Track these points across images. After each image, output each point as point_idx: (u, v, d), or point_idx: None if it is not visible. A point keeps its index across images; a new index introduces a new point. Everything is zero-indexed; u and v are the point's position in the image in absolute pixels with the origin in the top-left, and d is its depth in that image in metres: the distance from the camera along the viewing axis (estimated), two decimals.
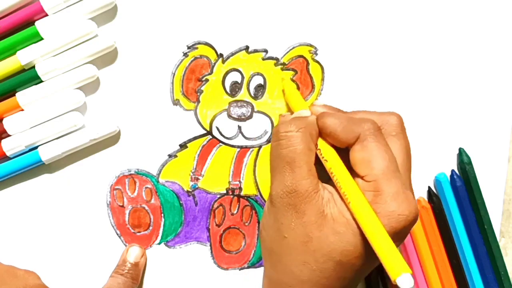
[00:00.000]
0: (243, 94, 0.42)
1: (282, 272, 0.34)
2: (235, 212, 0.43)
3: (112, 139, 0.41)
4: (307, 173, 0.33)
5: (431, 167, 0.44)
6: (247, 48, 0.42)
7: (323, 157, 0.35)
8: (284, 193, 0.33)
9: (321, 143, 0.35)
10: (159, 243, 0.43)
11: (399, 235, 0.32)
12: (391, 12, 0.42)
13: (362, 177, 0.33)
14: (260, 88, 0.42)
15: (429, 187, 0.44)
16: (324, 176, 0.35)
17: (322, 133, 0.35)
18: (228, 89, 0.42)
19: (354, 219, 0.32)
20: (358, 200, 0.32)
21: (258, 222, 0.42)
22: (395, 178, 0.32)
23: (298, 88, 0.42)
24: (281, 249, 0.34)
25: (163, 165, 0.42)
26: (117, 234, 0.42)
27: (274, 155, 0.35)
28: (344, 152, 0.35)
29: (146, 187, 0.42)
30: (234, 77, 0.42)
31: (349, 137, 0.34)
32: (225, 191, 0.43)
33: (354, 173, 0.34)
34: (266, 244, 0.35)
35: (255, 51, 0.42)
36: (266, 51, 0.42)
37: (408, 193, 0.32)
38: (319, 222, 0.32)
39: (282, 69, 0.42)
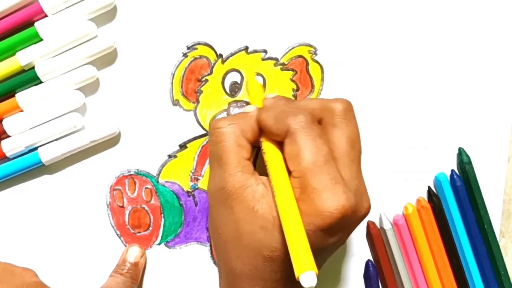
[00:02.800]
0: (242, 95, 0.42)
1: (223, 265, 0.35)
2: None
3: (112, 140, 0.41)
4: (234, 170, 0.33)
5: (431, 167, 0.44)
6: (246, 48, 0.42)
7: (263, 152, 0.34)
8: (214, 190, 0.33)
9: (263, 138, 0.35)
10: (159, 244, 0.43)
11: (331, 231, 0.31)
12: (391, 12, 0.42)
13: (290, 173, 0.32)
14: None
15: (429, 187, 0.44)
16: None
17: (261, 128, 0.34)
18: (227, 90, 0.42)
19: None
20: (282, 196, 0.31)
21: None
22: (322, 172, 0.31)
23: (298, 88, 0.42)
24: (218, 244, 0.34)
25: (163, 166, 0.42)
26: (117, 234, 0.42)
27: (209, 150, 0.35)
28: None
29: (146, 188, 0.42)
30: (234, 77, 0.42)
31: (280, 131, 0.33)
32: None
33: (289, 170, 0.33)
34: (211, 239, 0.36)
35: (255, 51, 0.42)
36: (265, 51, 0.42)
37: (338, 187, 0.31)
38: (248, 218, 0.32)
39: (281, 69, 0.42)
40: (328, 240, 0.32)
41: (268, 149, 0.34)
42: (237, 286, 0.34)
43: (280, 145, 0.34)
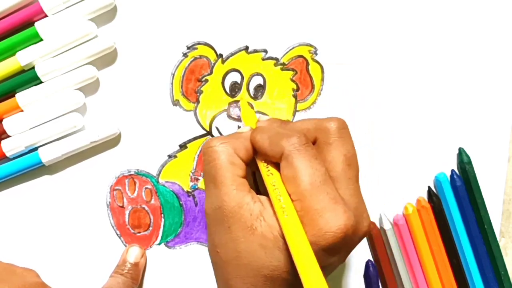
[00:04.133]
0: (242, 95, 0.42)
1: (222, 284, 0.34)
2: None
3: (112, 140, 0.41)
4: (229, 188, 0.32)
5: (431, 167, 0.44)
6: (246, 48, 0.42)
7: (265, 170, 0.33)
8: (210, 210, 0.33)
9: (258, 158, 0.34)
10: (159, 244, 0.43)
11: (333, 251, 0.31)
12: (391, 12, 0.42)
13: (290, 195, 0.32)
14: (260, 89, 0.42)
15: (429, 187, 0.44)
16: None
17: (256, 150, 0.34)
18: (227, 90, 0.42)
19: (282, 235, 0.31)
20: (286, 217, 0.31)
21: None
22: (321, 193, 0.31)
23: (298, 88, 0.42)
24: (217, 263, 0.33)
25: (163, 166, 0.42)
26: (117, 234, 0.42)
27: (203, 171, 0.34)
28: None
29: (146, 188, 0.42)
30: (234, 77, 0.42)
31: (274, 153, 0.32)
32: None
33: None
34: (210, 257, 0.35)
35: (255, 51, 0.42)
36: (265, 51, 0.42)
37: (338, 207, 0.30)
38: (246, 237, 0.32)
39: (281, 69, 0.42)
40: (330, 260, 0.31)
41: (265, 169, 0.33)
42: None
43: (276, 165, 0.33)
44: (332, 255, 0.31)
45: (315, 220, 0.30)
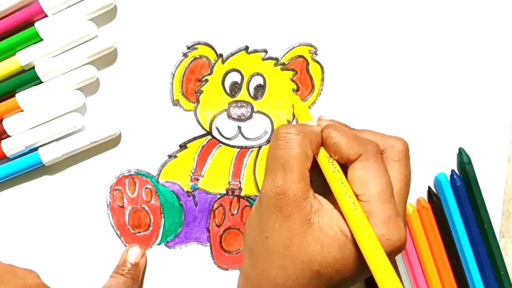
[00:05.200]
0: (242, 94, 0.42)
1: (259, 274, 0.34)
2: (235, 212, 0.43)
3: (112, 140, 0.41)
4: (299, 178, 0.33)
5: (431, 167, 0.44)
6: (246, 48, 0.42)
7: (330, 166, 0.34)
8: (273, 193, 0.33)
9: (324, 153, 0.35)
10: (159, 244, 0.43)
11: None
12: (391, 12, 0.42)
13: (357, 196, 0.33)
14: (260, 88, 0.42)
15: (429, 187, 0.44)
16: (319, 187, 0.34)
17: (325, 145, 0.35)
18: (227, 90, 0.42)
19: (345, 233, 0.32)
20: (358, 215, 0.31)
21: None
22: (389, 203, 0.32)
23: (298, 88, 0.42)
24: (262, 250, 0.33)
25: (163, 166, 0.42)
26: (117, 234, 0.42)
27: (270, 154, 0.34)
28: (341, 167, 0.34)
29: (146, 188, 0.42)
30: (234, 77, 0.42)
31: (351, 153, 0.33)
32: (225, 192, 0.43)
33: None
34: (248, 243, 0.35)
35: (255, 51, 0.42)
36: (266, 51, 0.42)
37: (399, 220, 0.32)
38: (303, 229, 0.32)
39: (282, 69, 0.42)
40: None
41: (329, 165, 0.34)
42: None
43: (341, 165, 0.34)
44: None
45: (380, 225, 0.31)
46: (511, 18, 0.43)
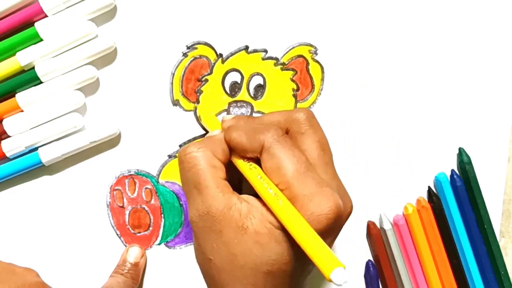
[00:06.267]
0: (242, 94, 0.42)
1: None
2: None
3: (112, 140, 0.41)
4: (215, 192, 0.32)
5: (431, 167, 0.44)
6: (246, 48, 0.42)
7: (246, 165, 0.34)
8: (197, 217, 0.33)
9: (235, 157, 0.35)
10: (159, 244, 0.43)
11: (327, 233, 0.31)
12: (391, 12, 0.42)
13: (277, 185, 0.32)
14: (260, 88, 0.42)
15: (429, 187, 0.44)
16: (250, 187, 0.34)
17: (232, 148, 0.35)
18: (227, 89, 0.42)
19: (277, 226, 0.31)
20: (282, 204, 0.31)
21: None
22: (307, 178, 0.31)
23: (298, 88, 0.42)
24: (211, 272, 0.33)
25: (163, 166, 0.42)
26: (117, 234, 0.42)
27: (182, 180, 0.34)
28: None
29: (146, 188, 0.42)
30: (234, 77, 0.42)
31: (254, 147, 0.33)
32: None
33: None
34: (201, 268, 0.34)
35: (255, 51, 0.42)
36: (265, 51, 0.42)
37: (325, 189, 0.31)
38: (239, 238, 0.32)
39: (281, 69, 0.42)
40: (328, 242, 0.32)
41: (245, 165, 0.34)
42: None
43: (254, 160, 0.34)
44: (326, 237, 0.31)
45: (306, 205, 0.31)
46: (511, 18, 0.43)
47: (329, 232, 0.31)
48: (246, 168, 0.34)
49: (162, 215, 0.42)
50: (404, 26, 0.42)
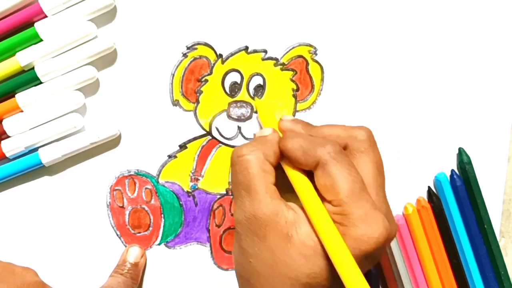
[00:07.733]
0: (242, 95, 0.42)
1: None
2: None
3: (112, 141, 0.41)
4: (264, 196, 0.32)
5: (431, 167, 0.43)
6: (246, 48, 0.42)
7: (295, 174, 0.34)
8: (243, 218, 0.32)
9: (285, 164, 0.34)
10: (159, 244, 0.43)
11: (371, 257, 0.31)
12: (391, 12, 0.42)
13: (329, 202, 0.32)
14: (260, 89, 0.42)
15: (429, 187, 0.44)
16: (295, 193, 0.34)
17: (285, 156, 0.34)
18: (227, 90, 0.42)
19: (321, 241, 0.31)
20: (323, 223, 0.31)
21: None
22: (362, 200, 0.31)
23: (298, 88, 0.42)
24: (248, 274, 0.33)
25: (163, 166, 0.42)
26: (117, 234, 0.42)
27: (233, 181, 0.34)
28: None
29: (146, 188, 0.42)
30: (234, 77, 0.42)
31: (309, 163, 0.32)
32: (225, 192, 0.43)
33: (322, 197, 0.33)
34: (237, 269, 0.34)
35: (255, 51, 0.42)
36: (265, 51, 0.42)
37: (378, 213, 0.31)
38: (283, 245, 0.31)
39: (281, 69, 0.42)
40: (368, 264, 0.32)
41: (295, 176, 0.33)
42: None
43: (306, 172, 0.33)
44: (371, 259, 0.31)
45: (357, 226, 0.31)
46: (511, 18, 0.43)
47: (374, 255, 0.31)
48: (295, 179, 0.33)
49: (162, 215, 0.42)
50: (404, 26, 0.42)
